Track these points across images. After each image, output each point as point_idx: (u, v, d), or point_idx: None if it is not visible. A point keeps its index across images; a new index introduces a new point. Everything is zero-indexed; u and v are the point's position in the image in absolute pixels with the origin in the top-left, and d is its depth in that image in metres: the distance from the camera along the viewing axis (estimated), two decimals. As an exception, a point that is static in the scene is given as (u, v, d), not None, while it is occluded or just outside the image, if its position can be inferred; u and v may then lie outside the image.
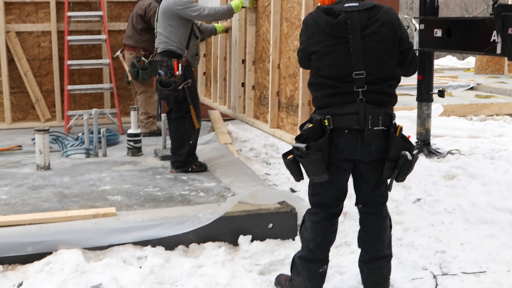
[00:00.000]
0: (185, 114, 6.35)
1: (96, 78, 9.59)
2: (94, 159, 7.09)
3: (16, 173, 6.44)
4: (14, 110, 9.40)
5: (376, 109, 3.68)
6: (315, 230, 3.97)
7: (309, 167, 3.73)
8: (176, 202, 5.34)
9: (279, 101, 6.08)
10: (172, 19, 6.25)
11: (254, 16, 6.61)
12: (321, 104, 3.80)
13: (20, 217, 4.80)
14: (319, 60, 3.78)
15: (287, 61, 5.82)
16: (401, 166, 3.73)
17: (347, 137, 3.71)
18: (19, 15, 9.22)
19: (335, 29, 3.70)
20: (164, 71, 6.21)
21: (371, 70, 3.69)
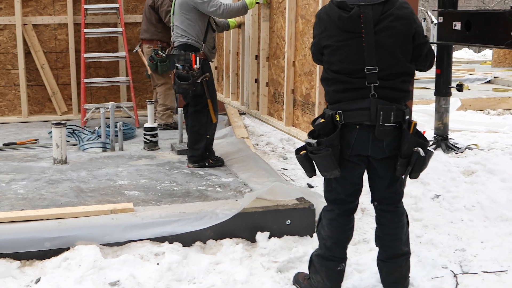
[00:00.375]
0: (203, 108, 6.33)
1: (113, 71, 9.59)
2: (110, 153, 7.09)
3: (33, 167, 6.45)
4: (31, 103, 9.42)
5: (388, 105, 3.63)
6: (331, 227, 3.95)
7: (320, 163, 3.72)
8: (194, 198, 5.32)
9: (295, 98, 6.03)
10: (189, 12, 6.22)
11: (268, 12, 6.56)
12: (333, 99, 3.77)
13: (37, 212, 4.80)
14: (331, 55, 3.74)
15: (302, 58, 5.76)
16: (414, 162, 3.68)
17: (359, 133, 3.69)
18: (36, 7, 9.22)
19: (347, 23, 3.66)
20: (182, 65, 6.18)
21: (384, 65, 3.64)
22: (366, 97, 3.65)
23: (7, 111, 9.37)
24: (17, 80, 9.26)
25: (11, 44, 9.19)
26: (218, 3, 6.19)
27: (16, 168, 6.40)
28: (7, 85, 9.29)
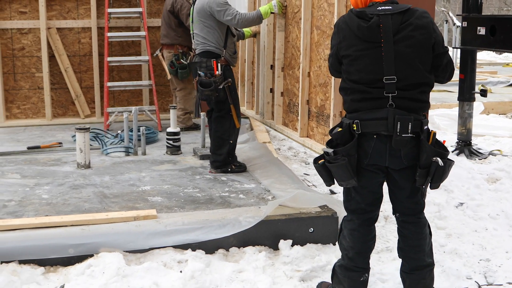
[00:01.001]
0: (226, 113, 6.36)
1: (135, 75, 9.64)
2: (133, 157, 7.12)
3: (57, 171, 6.49)
4: (54, 106, 9.49)
5: (405, 115, 3.60)
6: (353, 237, 3.94)
7: (336, 172, 3.71)
8: (216, 204, 5.33)
9: (309, 109, 6.01)
10: (207, 19, 6.27)
11: (283, 22, 6.54)
12: (351, 109, 3.76)
13: (62, 219, 4.83)
14: (350, 65, 3.72)
15: (317, 69, 5.73)
16: (433, 173, 3.64)
17: (376, 143, 3.67)
18: (60, 11, 9.29)
19: (366, 33, 3.64)
20: (204, 71, 6.23)
21: (402, 75, 3.61)
22: (384, 107, 3.63)
23: (31, 114, 9.45)
24: (41, 83, 9.34)
25: (35, 48, 9.27)
26: (234, 12, 6.21)
27: (40, 172, 6.46)
28: (31, 88, 9.37)
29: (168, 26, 8.39)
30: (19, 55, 9.27)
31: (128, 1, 9.49)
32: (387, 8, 3.66)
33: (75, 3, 9.31)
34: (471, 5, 7.81)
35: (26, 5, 9.16)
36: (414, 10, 3.69)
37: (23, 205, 5.34)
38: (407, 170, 3.73)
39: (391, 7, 3.67)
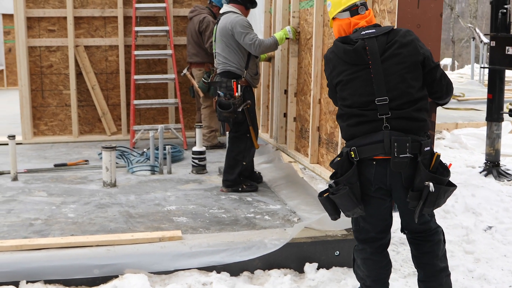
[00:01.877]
0: (242, 135, 6.40)
1: (161, 92, 9.68)
2: (159, 176, 7.13)
3: (83, 189, 6.52)
4: (81, 123, 9.56)
5: (402, 136, 3.55)
6: (367, 266, 3.91)
7: (340, 203, 3.68)
8: (242, 226, 5.30)
9: (320, 136, 6.02)
10: (229, 39, 6.30)
11: (297, 48, 6.58)
12: (348, 135, 3.75)
13: (87, 239, 4.84)
14: (342, 90, 3.75)
15: (327, 97, 5.74)
16: (425, 197, 3.56)
17: (376, 168, 3.64)
18: (88, 29, 9.38)
19: (353, 56, 3.68)
20: (224, 92, 6.28)
21: (395, 94, 3.60)
22: (379, 129, 3.61)
23: (58, 131, 9.53)
24: (68, 100, 9.43)
25: (63, 65, 9.37)
26: (254, 38, 6.24)
27: (67, 190, 6.49)
28: (58, 105, 9.46)
29: (197, 45, 8.44)
30: (47, 72, 9.37)
31: (155, 19, 9.56)
32: (370, 31, 3.73)
33: (102, 22, 9.40)
34: (500, 24, 7.75)
35: (54, 23, 9.27)
36: (397, 30, 3.74)
37: (49, 224, 5.36)
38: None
39: (374, 30, 3.73)
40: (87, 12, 9.31)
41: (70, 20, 9.18)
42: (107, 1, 9.36)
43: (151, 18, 9.55)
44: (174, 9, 9.50)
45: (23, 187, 6.61)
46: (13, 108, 13.49)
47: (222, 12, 6.53)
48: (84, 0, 9.30)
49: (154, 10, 9.35)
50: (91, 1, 9.32)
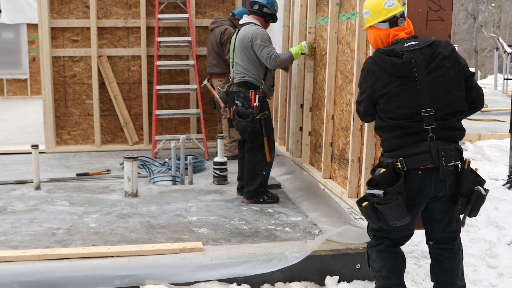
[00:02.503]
0: (259, 145, 6.43)
1: (183, 103, 9.72)
2: (180, 186, 7.15)
3: (105, 199, 6.55)
4: (104, 132, 9.62)
5: (447, 145, 3.66)
6: (382, 257, 3.97)
7: (390, 213, 3.70)
8: (262, 238, 5.29)
9: (332, 152, 6.06)
10: (249, 50, 6.37)
11: (312, 63, 6.63)
12: (391, 146, 3.79)
13: (109, 249, 4.86)
14: (388, 103, 3.76)
15: (340, 113, 5.80)
16: (474, 201, 3.70)
17: (421, 178, 3.71)
18: (111, 39, 9.45)
19: (401, 69, 3.71)
20: (241, 102, 6.33)
21: (439, 106, 3.69)
22: (425, 140, 3.69)
23: (81, 140, 9.60)
24: (91, 110, 9.49)
25: (86, 75, 9.44)
26: (272, 52, 6.30)
27: (89, 200, 6.52)
28: (81, 115, 9.52)
29: (219, 56, 8.48)
30: (71, 82, 9.44)
31: (177, 30, 9.61)
32: (414, 43, 3.77)
33: (125, 32, 9.47)
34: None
35: (78, 34, 9.35)
36: (438, 42, 3.81)
37: (71, 234, 5.39)
38: (448, 200, 3.80)
39: (417, 41, 3.78)
40: (110, 22, 9.38)
41: (93, 31, 9.26)
42: (130, 11, 9.43)
43: (173, 29, 9.60)
44: (197, 20, 9.54)
45: (46, 196, 6.66)
46: (36, 116, 13.64)
47: (242, 22, 6.59)
48: (107, 11, 9.38)
49: (177, 20, 9.39)
50: (114, 11, 9.40)
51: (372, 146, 5.04)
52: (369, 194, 3.75)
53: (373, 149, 5.04)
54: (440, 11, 4.26)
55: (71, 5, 9.30)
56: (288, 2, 7.55)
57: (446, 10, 4.26)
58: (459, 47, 54.50)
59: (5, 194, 6.78)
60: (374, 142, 5.03)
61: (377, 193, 3.69)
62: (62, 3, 9.28)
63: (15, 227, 5.58)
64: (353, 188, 5.46)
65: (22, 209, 6.16)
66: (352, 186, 5.46)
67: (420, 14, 4.25)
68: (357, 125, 5.27)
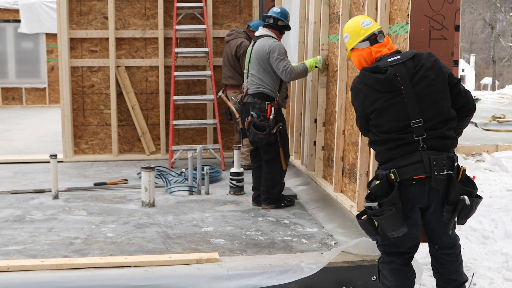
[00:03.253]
0: (276, 156, 6.59)
1: (200, 113, 9.78)
2: (196, 196, 7.18)
3: (122, 209, 6.60)
4: (121, 142, 9.69)
5: (438, 155, 3.73)
6: (395, 276, 4.03)
7: (386, 224, 3.78)
8: (278, 249, 5.31)
9: (343, 166, 6.13)
10: (266, 62, 6.49)
11: (325, 79, 6.71)
12: (384, 158, 3.87)
13: (126, 259, 4.90)
14: (378, 118, 3.85)
15: (350, 128, 5.90)
16: (460, 210, 3.78)
17: (415, 187, 3.78)
18: (129, 50, 9.54)
19: (386, 84, 3.79)
20: (257, 113, 6.46)
21: (428, 116, 3.76)
22: (416, 150, 3.76)
23: (99, 150, 9.68)
24: (109, 119, 9.58)
25: (104, 85, 9.54)
26: (287, 65, 6.41)
27: (106, 209, 6.58)
28: (99, 124, 9.61)
29: (233, 69, 8.55)
30: (89, 92, 9.54)
31: (194, 40, 9.68)
32: (396, 58, 3.87)
33: (143, 43, 9.55)
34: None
35: (96, 44, 9.45)
36: (420, 54, 3.89)
37: (89, 243, 5.44)
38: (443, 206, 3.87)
39: (399, 56, 3.88)
40: (128, 33, 9.48)
41: (111, 41, 9.36)
42: (148, 22, 9.52)
43: (190, 39, 9.68)
44: (214, 31, 9.61)
45: (64, 206, 6.72)
46: (54, 125, 13.77)
47: (258, 35, 6.70)
48: (125, 22, 9.47)
49: (194, 31, 9.46)
50: (132, 22, 9.49)
51: None
52: (367, 207, 3.83)
53: None
54: (443, 30, 4.34)
55: (90, 16, 9.40)
56: (303, 19, 7.65)
57: (448, 29, 4.34)
58: (477, 56, 54.25)
59: (23, 203, 6.85)
60: None
61: (372, 206, 3.76)
62: (81, 14, 9.39)
63: (33, 236, 5.64)
64: (361, 202, 5.49)
65: (40, 218, 6.23)
66: (361, 200, 5.49)
67: (422, 33, 4.34)
68: (365, 140, 5.31)
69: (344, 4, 5.95)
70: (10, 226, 5.97)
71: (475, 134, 13.45)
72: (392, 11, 4.93)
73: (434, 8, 4.32)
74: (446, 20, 4.32)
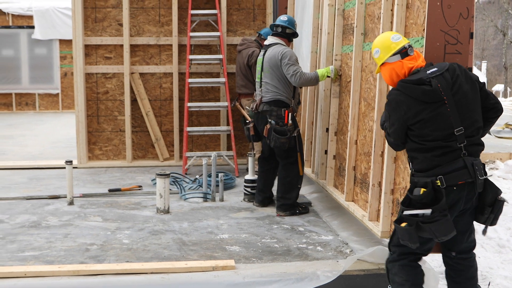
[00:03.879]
0: (295, 161, 6.70)
1: (214, 119, 9.80)
2: (211, 203, 7.20)
3: (137, 215, 6.63)
4: (135, 148, 9.73)
5: (477, 160, 3.92)
6: (405, 271, 4.12)
7: (439, 229, 3.84)
8: (294, 256, 5.32)
9: (355, 175, 6.17)
10: (279, 69, 6.64)
11: (338, 90, 6.77)
12: (430, 165, 3.95)
13: (142, 266, 4.92)
14: (422, 128, 3.95)
15: (363, 139, 5.93)
16: (497, 210, 3.95)
17: (455, 193, 3.89)
18: (143, 57, 9.58)
19: (432, 95, 3.91)
20: (275, 120, 6.59)
21: (467, 124, 3.92)
22: (459, 157, 3.89)
23: (112, 156, 9.72)
24: (123, 126, 9.62)
25: (118, 92, 9.58)
26: (297, 70, 6.56)
27: (121, 216, 6.60)
28: (113, 131, 9.65)
29: (246, 78, 8.59)
30: (103, 98, 9.59)
31: (208, 47, 9.71)
32: (434, 70, 3.99)
33: (157, 49, 9.59)
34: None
35: (111, 51, 9.50)
36: (452, 65, 4.02)
37: (105, 250, 5.47)
38: (472, 211, 4.05)
39: (436, 68, 3.99)
40: (143, 40, 9.52)
41: (126, 48, 9.40)
42: (163, 29, 9.56)
43: (204, 46, 9.71)
44: (228, 38, 9.64)
45: (79, 212, 6.75)
46: (67, 131, 13.84)
47: (267, 43, 6.88)
48: (140, 29, 9.52)
49: (208, 38, 9.49)
50: (147, 29, 9.54)
51: (392, 172, 5.16)
52: (412, 215, 3.88)
53: (392, 175, 5.16)
54: (458, 45, 4.41)
55: (105, 23, 9.46)
56: (317, 29, 7.70)
57: (463, 44, 4.41)
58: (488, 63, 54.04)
59: (39, 208, 6.89)
60: (393, 168, 5.14)
61: (421, 213, 3.83)
62: (96, 21, 9.44)
63: (49, 242, 5.67)
64: (373, 212, 5.53)
65: (56, 224, 6.26)
66: (373, 209, 5.52)
67: (438, 47, 4.40)
68: (378, 151, 5.38)
69: (358, 16, 6.01)
70: (26, 232, 6.01)
71: (488, 142, 13.40)
72: (408, 25, 5.00)
73: (450, 23, 4.39)
74: (461, 35, 4.39)
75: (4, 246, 5.57)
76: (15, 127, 15.33)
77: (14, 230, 6.07)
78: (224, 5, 9.53)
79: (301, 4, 8.55)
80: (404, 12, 5.02)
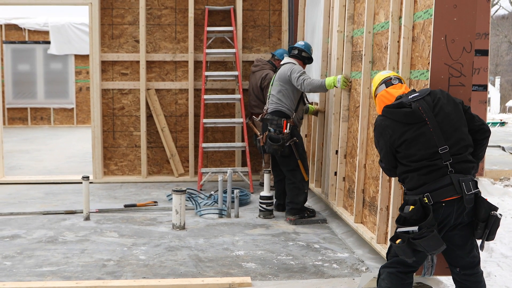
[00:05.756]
0: (296, 167, 7.16)
1: (229, 135, 9.85)
2: (226, 219, 7.22)
3: (153, 231, 6.66)
4: (150, 164, 9.79)
5: (465, 177, 3.99)
6: (391, 280, 4.19)
7: (429, 244, 3.94)
8: (310, 274, 5.32)
9: (364, 198, 6.23)
10: (286, 83, 7.12)
11: (347, 114, 6.86)
12: (417, 184, 4.08)
13: (159, 282, 4.95)
14: (408, 148, 4.11)
15: (371, 163, 6.04)
16: (491, 225, 4.00)
17: (444, 209, 3.98)
18: (159, 73, 9.66)
19: (413, 116, 4.07)
20: (274, 128, 7.04)
21: (452, 142, 4.03)
22: (445, 174, 4.00)
23: (128, 171, 9.78)
24: (138, 141, 9.69)
25: (134, 108, 9.65)
26: (305, 78, 6.98)
27: (137, 231, 6.64)
28: (128, 146, 9.72)
29: (258, 98, 8.76)
30: (119, 114, 9.66)
31: (224, 64, 9.78)
32: (416, 94, 4.16)
33: (173, 66, 9.67)
34: None
35: (127, 67, 9.59)
36: (434, 91, 4.20)
37: (121, 266, 5.50)
38: (466, 227, 4.09)
39: (418, 93, 4.18)
40: (159, 56, 9.61)
41: (142, 64, 9.49)
42: (179, 46, 9.64)
43: (220, 63, 9.78)
44: (243, 54, 9.71)
45: (95, 227, 6.80)
46: (82, 146, 13.94)
47: (283, 63, 7.33)
48: (156, 45, 9.61)
49: (224, 55, 9.57)
50: (163, 46, 9.62)
51: (399, 197, 5.21)
52: (403, 231, 3.98)
53: (399, 200, 5.20)
54: (461, 77, 4.58)
55: (122, 40, 9.55)
56: (326, 53, 7.83)
57: (466, 76, 4.58)
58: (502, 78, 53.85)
59: (55, 224, 6.94)
60: (400, 194, 5.20)
61: (411, 230, 3.93)
62: (112, 37, 9.54)
63: (66, 258, 5.71)
64: (381, 235, 5.56)
65: (73, 240, 6.31)
66: (381, 232, 5.55)
67: (442, 80, 4.57)
68: (386, 176, 5.42)
69: (366, 45, 6.14)
70: (43, 247, 6.06)
71: (503, 159, 13.35)
72: (414, 57, 5.13)
73: (453, 56, 4.57)
74: (464, 68, 4.57)
75: (22, 261, 5.62)
76: (31, 142, 15.45)
77: (31, 245, 6.13)
78: (240, 22, 9.60)
79: (311, 28, 8.68)
80: (410, 45, 5.17)
